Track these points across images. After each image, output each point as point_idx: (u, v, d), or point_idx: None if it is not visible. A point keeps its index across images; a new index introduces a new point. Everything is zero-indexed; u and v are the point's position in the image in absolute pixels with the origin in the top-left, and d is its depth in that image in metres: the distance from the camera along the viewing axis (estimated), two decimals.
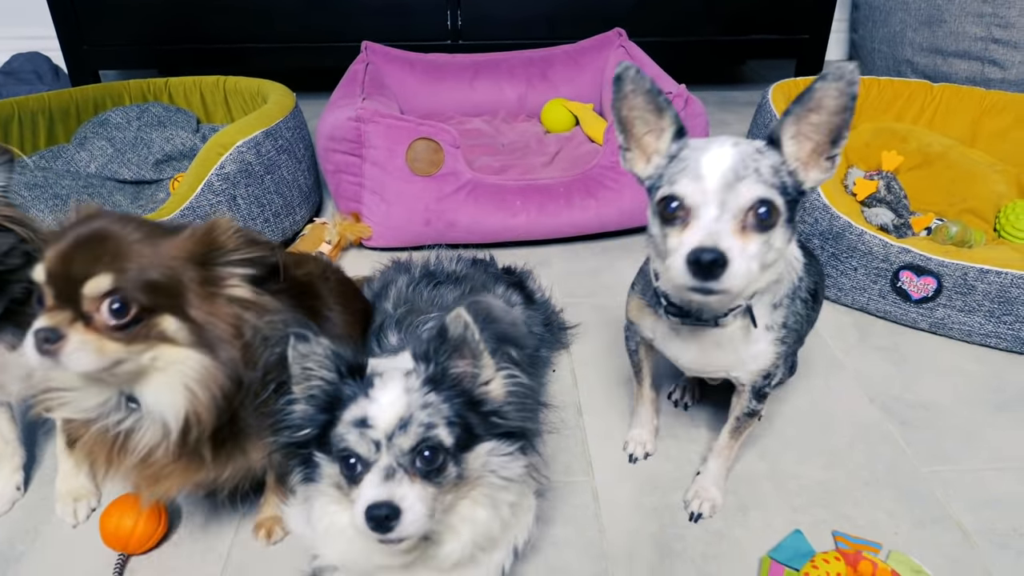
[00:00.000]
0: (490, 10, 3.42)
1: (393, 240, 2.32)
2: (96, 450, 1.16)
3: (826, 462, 1.58)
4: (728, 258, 0.99)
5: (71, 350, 0.99)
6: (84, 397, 1.11)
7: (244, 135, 2.21)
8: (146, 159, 2.68)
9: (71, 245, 1.02)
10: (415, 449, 1.00)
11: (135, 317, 1.02)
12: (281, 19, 3.39)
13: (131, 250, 1.03)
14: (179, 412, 1.09)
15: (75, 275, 1.00)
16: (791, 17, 3.57)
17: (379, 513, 0.96)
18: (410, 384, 1.03)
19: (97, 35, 3.41)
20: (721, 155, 1.04)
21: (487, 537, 1.12)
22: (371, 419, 1.00)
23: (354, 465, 1.01)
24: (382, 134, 2.22)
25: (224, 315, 1.09)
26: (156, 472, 1.16)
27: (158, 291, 1.04)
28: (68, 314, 1.00)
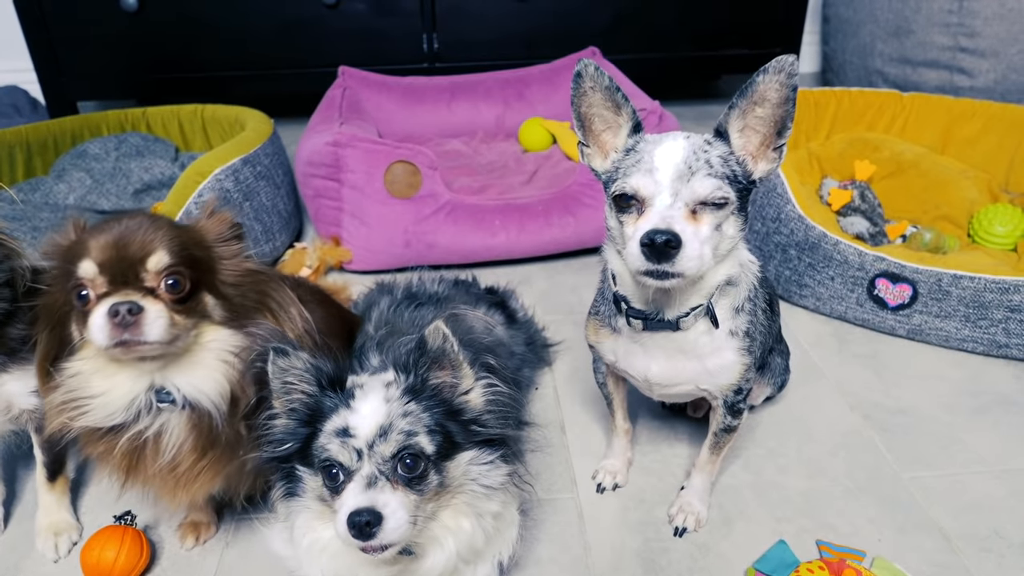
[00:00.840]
0: (466, 33, 3.45)
1: (374, 263, 2.33)
2: (120, 461, 1.18)
3: (809, 471, 1.59)
4: (681, 240, 1.02)
5: (151, 320, 1.04)
6: (111, 401, 1.14)
7: (222, 163, 2.21)
8: (125, 189, 2.68)
9: (119, 234, 1.08)
10: (396, 456, 1.01)
11: (187, 293, 1.10)
12: (257, 46, 3.41)
13: (173, 232, 1.12)
14: (223, 388, 1.14)
15: (133, 256, 1.07)
16: (762, 32, 3.63)
17: (360, 520, 0.96)
18: (390, 394, 1.04)
19: (74, 66, 3.40)
20: (673, 148, 1.09)
21: (471, 548, 1.12)
22: (352, 428, 1.01)
23: (336, 475, 1.02)
24: (360, 158, 2.23)
25: (248, 287, 1.18)
26: (184, 475, 1.19)
27: (198, 267, 1.12)
28: (135, 291, 1.06)
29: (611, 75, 2.88)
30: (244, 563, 1.41)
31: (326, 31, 3.40)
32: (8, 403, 1.35)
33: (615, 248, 1.21)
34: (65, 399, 1.14)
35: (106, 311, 1.03)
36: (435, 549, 1.10)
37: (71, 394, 1.14)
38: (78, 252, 1.09)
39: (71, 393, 1.14)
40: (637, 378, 1.33)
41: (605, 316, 1.34)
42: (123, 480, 1.22)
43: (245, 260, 1.21)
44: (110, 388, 1.14)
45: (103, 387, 1.14)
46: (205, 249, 1.16)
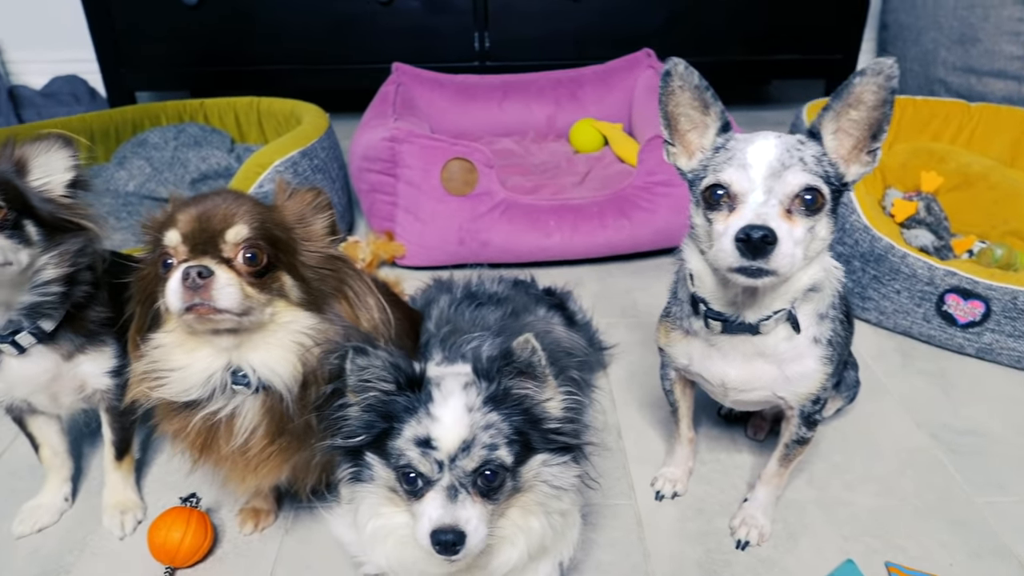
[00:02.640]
0: (517, 32, 3.44)
1: (426, 259, 2.32)
2: (194, 439, 1.20)
3: (876, 489, 1.54)
4: (777, 236, 1.00)
5: (221, 285, 1.06)
6: (189, 376, 1.15)
7: (281, 155, 2.23)
8: (183, 178, 2.71)
9: (204, 207, 1.12)
10: (477, 471, 1.00)
11: (265, 267, 1.12)
12: (311, 41, 3.43)
13: (255, 209, 1.15)
14: (296, 370, 1.15)
15: (214, 227, 1.10)
16: (821, 37, 3.56)
17: (446, 539, 0.97)
18: (471, 402, 1.03)
19: (134, 58, 3.46)
20: (766, 146, 1.07)
21: (540, 546, 1.12)
22: (435, 440, 1.00)
23: (415, 480, 1.02)
24: (417, 154, 2.22)
25: (328, 272, 1.19)
26: (254, 459, 1.20)
27: (278, 246, 1.14)
28: (210, 258, 1.08)
29: None
30: (303, 550, 1.41)
31: (378, 28, 3.41)
32: (82, 382, 1.38)
33: (697, 247, 1.18)
34: (146, 369, 1.17)
35: (180, 274, 1.06)
36: (505, 547, 1.10)
37: (152, 365, 1.17)
38: (167, 223, 1.13)
39: (152, 364, 1.17)
40: (712, 382, 1.30)
41: (677, 318, 1.31)
42: (196, 458, 1.23)
43: (328, 246, 1.22)
44: (189, 363, 1.16)
45: (183, 361, 1.16)
46: (286, 230, 1.17)
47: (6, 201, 1.21)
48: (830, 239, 1.12)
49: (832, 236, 1.12)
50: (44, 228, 1.27)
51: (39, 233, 1.26)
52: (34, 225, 1.25)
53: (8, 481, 1.58)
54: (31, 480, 1.55)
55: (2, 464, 1.63)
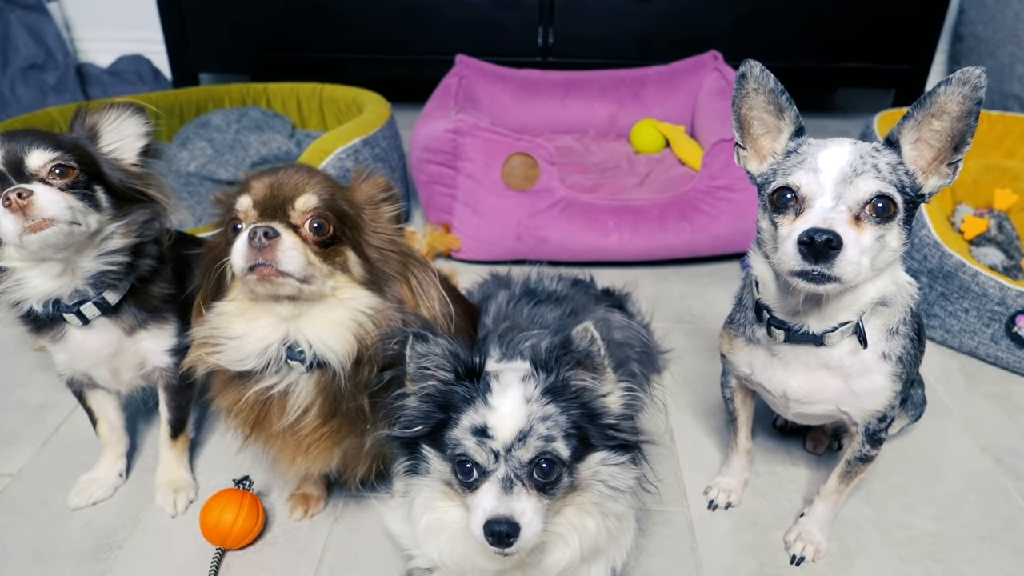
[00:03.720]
0: (582, 29, 3.41)
1: (483, 253, 2.32)
2: (247, 414, 1.22)
3: (936, 512, 1.50)
4: (842, 241, 0.97)
5: (286, 248, 1.08)
6: (246, 345, 1.17)
7: (344, 142, 2.25)
8: (243, 161, 2.75)
9: (278, 176, 1.15)
10: (533, 461, 0.99)
11: (330, 237, 1.14)
12: (375, 31, 3.46)
13: (327, 183, 1.17)
14: (351, 346, 1.16)
15: (285, 195, 1.13)
16: (892, 47, 3.46)
17: (500, 530, 0.96)
18: (529, 393, 1.02)
19: (200, 40, 3.53)
20: (839, 152, 1.05)
21: (594, 547, 1.10)
22: (491, 429, 1.00)
23: (470, 471, 1.01)
24: (479, 147, 2.23)
25: (392, 255, 1.21)
26: (305, 439, 1.21)
27: (345, 221, 1.16)
28: (278, 222, 1.11)
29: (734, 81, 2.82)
30: (352, 539, 1.42)
31: (443, 19, 3.42)
32: (143, 359, 1.40)
33: (762, 251, 1.17)
34: (206, 335, 1.20)
35: (247, 234, 1.08)
36: (559, 546, 1.09)
37: (212, 331, 1.19)
38: (240, 191, 1.16)
39: (212, 331, 1.19)
40: (774, 393, 1.27)
41: (741, 325, 1.29)
42: (247, 434, 1.25)
43: (394, 232, 1.24)
44: (247, 332, 1.18)
45: (241, 330, 1.18)
46: (355, 208, 1.19)
47: (78, 163, 1.23)
48: (902, 251, 1.09)
49: (904, 248, 1.09)
50: (114, 196, 1.29)
51: (108, 200, 1.28)
52: (104, 192, 1.28)
53: (65, 454, 1.62)
54: (87, 454, 1.58)
55: (59, 436, 1.68)
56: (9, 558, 1.38)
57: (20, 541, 1.41)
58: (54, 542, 1.41)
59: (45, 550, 1.39)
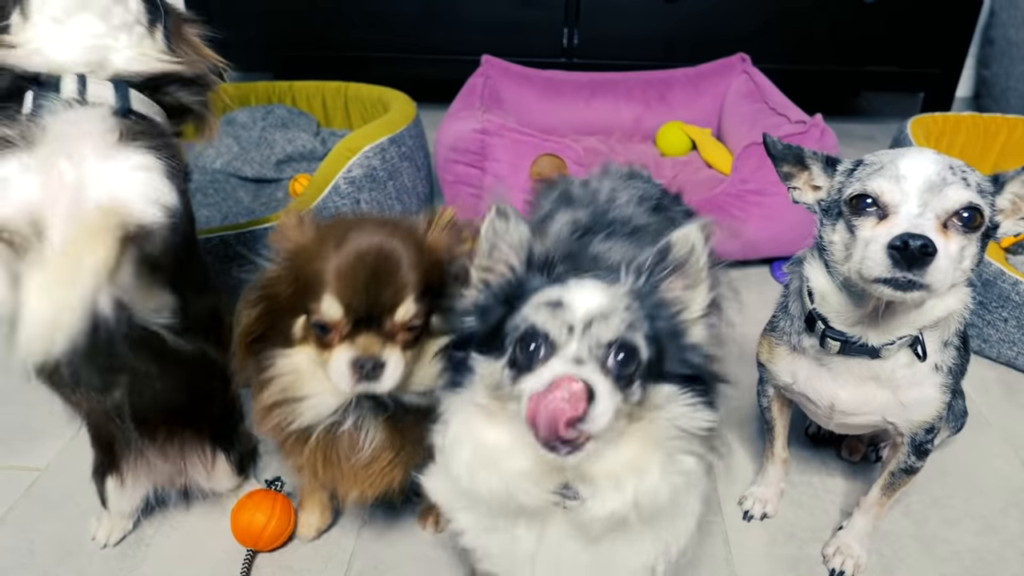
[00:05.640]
0: (607, 30, 3.39)
1: None
2: (319, 455, 1.14)
3: (978, 528, 1.46)
4: (936, 248, 0.95)
5: (391, 371, 1.03)
6: (322, 403, 1.11)
7: (371, 140, 2.23)
8: (268, 159, 2.75)
9: (368, 273, 1.03)
10: (612, 344, 0.84)
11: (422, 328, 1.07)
12: (400, 29, 3.45)
13: (417, 266, 1.06)
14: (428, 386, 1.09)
15: (382, 305, 1.03)
16: (920, 50, 3.41)
17: (576, 388, 0.78)
18: (612, 290, 0.89)
19: (226, 38, 3.51)
20: (922, 160, 1.03)
21: (651, 504, 0.90)
22: (568, 302, 0.86)
23: (535, 349, 0.85)
24: (507, 147, 2.21)
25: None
26: (374, 471, 1.16)
27: (433, 295, 1.07)
28: (377, 339, 1.04)
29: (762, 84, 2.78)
30: (380, 544, 1.41)
31: (468, 19, 3.40)
32: None
33: (822, 263, 1.14)
34: (278, 399, 1.11)
35: (349, 361, 1.02)
36: (611, 490, 0.89)
37: (284, 394, 1.11)
38: (321, 276, 1.03)
39: (284, 393, 1.11)
40: (818, 404, 1.24)
41: (784, 333, 1.26)
42: (316, 474, 1.17)
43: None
44: (323, 391, 1.10)
45: (316, 388, 1.10)
46: (440, 272, 1.09)
47: None
48: (970, 271, 1.06)
49: (974, 267, 1.06)
50: None
51: None
52: None
53: None
54: None
55: None
56: (37, 553, 1.37)
57: (48, 536, 1.40)
58: (82, 538, 1.39)
59: (73, 545, 1.38)
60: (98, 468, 1.35)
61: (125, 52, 1.13)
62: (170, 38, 1.21)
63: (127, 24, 1.14)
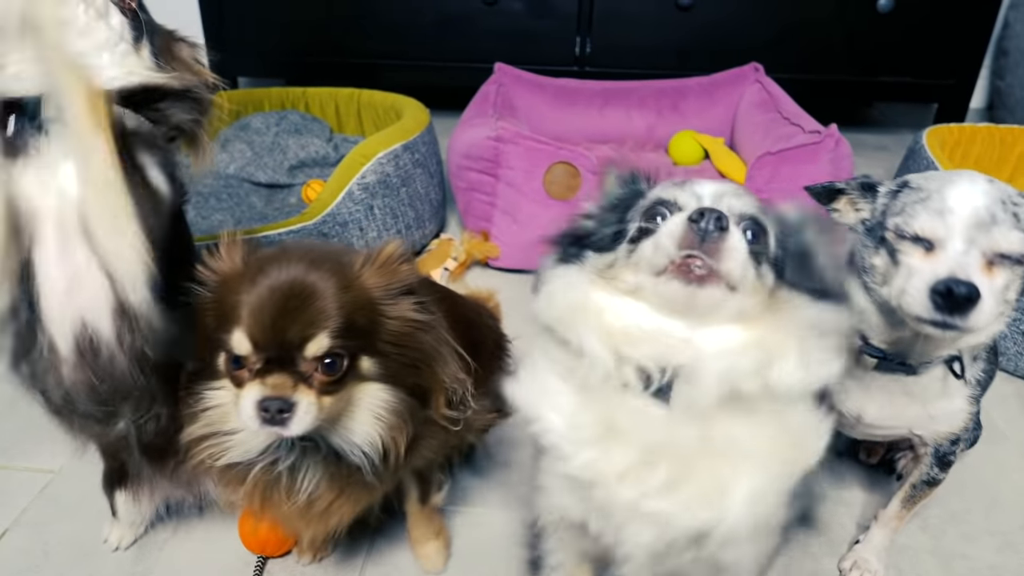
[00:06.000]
0: (620, 39, 3.39)
1: (522, 262, 2.29)
2: (256, 494, 1.09)
3: (998, 544, 1.44)
4: (980, 293, 0.93)
5: (301, 415, 0.96)
6: (250, 439, 1.06)
7: (384, 147, 2.24)
8: (281, 164, 2.76)
9: (276, 307, 0.97)
10: (744, 218, 0.84)
11: (343, 372, 1.00)
12: (414, 38, 3.46)
13: (336, 301, 0.99)
14: (375, 442, 1.06)
15: (291, 341, 0.96)
16: (934, 60, 3.40)
17: (707, 227, 0.77)
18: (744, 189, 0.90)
19: (240, 44, 3.55)
20: (974, 191, 0.99)
21: (784, 382, 0.81)
22: (698, 189, 0.87)
23: (658, 215, 0.85)
24: (521, 155, 2.21)
25: (407, 342, 1.06)
26: (319, 512, 1.11)
27: (360, 336, 1.01)
28: (288, 379, 0.96)
29: (776, 93, 2.76)
30: (393, 549, 1.40)
31: (480, 28, 3.41)
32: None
33: (861, 281, 1.13)
34: (204, 433, 1.07)
35: (256, 401, 0.96)
36: (738, 358, 0.82)
37: (210, 428, 1.07)
38: (233, 310, 0.98)
39: (210, 427, 1.07)
40: (847, 415, 1.23)
41: None
42: (266, 512, 1.14)
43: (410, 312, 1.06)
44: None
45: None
46: (370, 311, 1.03)
47: None
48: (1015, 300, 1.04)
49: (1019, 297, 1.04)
50: None
51: None
52: None
53: None
54: None
55: None
56: (51, 555, 1.37)
57: (62, 538, 1.40)
58: (96, 540, 1.39)
59: (88, 548, 1.38)
60: (108, 479, 1.35)
61: (108, 71, 1.06)
62: (158, 56, 1.14)
63: (110, 42, 1.07)
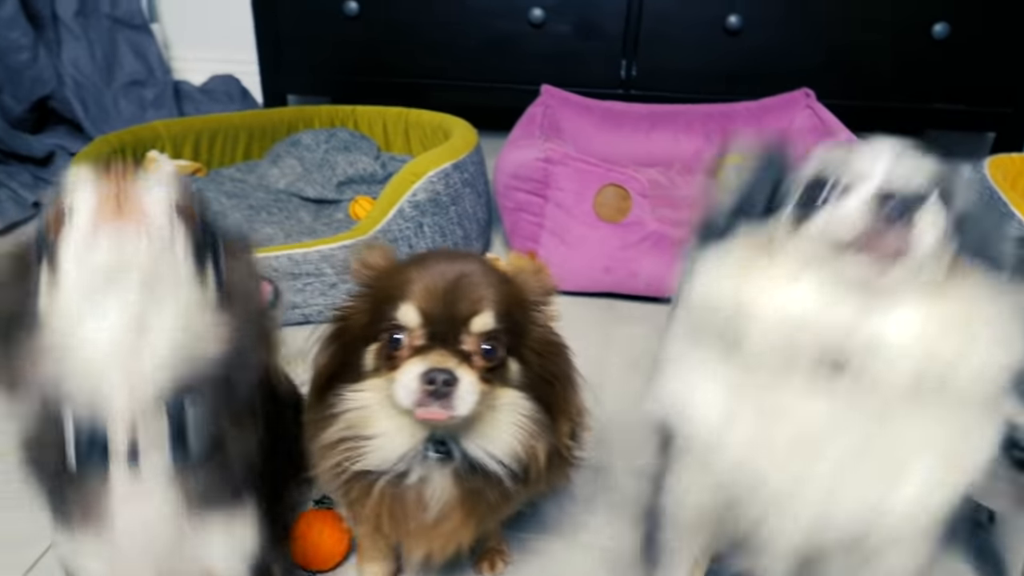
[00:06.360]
0: (666, 62, 3.38)
1: (569, 284, 2.28)
2: (383, 507, 1.07)
3: None
4: None
5: (465, 392, 0.94)
6: (389, 444, 1.04)
7: (435, 165, 2.25)
8: (330, 180, 2.79)
9: (449, 283, 0.98)
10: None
11: (499, 361, 1.00)
12: (462, 59, 3.49)
13: (498, 289, 1.01)
14: (516, 451, 1.05)
15: (460, 314, 0.97)
16: (992, 87, 3.34)
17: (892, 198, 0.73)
18: None
19: (292, 63, 3.62)
20: None
21: (970, 372, 0.76)
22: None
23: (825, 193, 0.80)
24: (571, 176, 2.20)
25: (547, 353, 1.07)
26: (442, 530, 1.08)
27: (512, 331, 1.02)
28: (451, 356, 0.96)
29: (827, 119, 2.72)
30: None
31: (526, 49, 3.43)
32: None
33: None
34: (341, 437, 1.05)
35: (419, 374, 0.94)
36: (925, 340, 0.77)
37: (348, 431, 1.05)
38: (399, 288, 1.00)
39: (351, 430, 1.04)
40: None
41: None
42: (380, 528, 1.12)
43: (550, 333, 1.11)
44: (390, 430, 1.04)
45: (384, 426, 1.04)
46: (522, 310, 1.05)
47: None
48: None
49: None
50: None
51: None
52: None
53: None
54: None
55: None
56: None
57: None
58: None
59: None
60: None
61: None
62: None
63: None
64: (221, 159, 2.88)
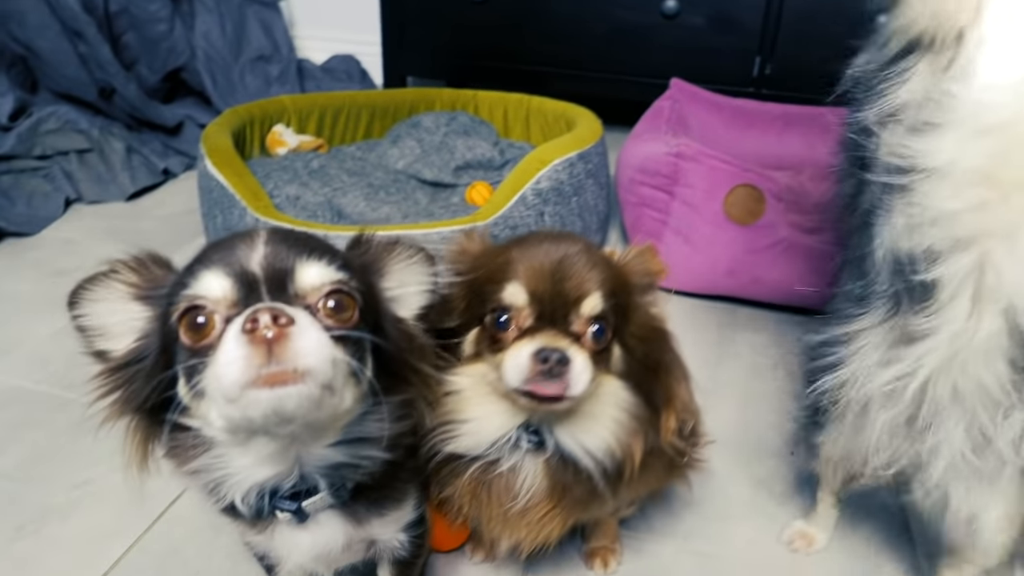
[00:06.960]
0: (803, 60, 3.19)
1: (689, 284, 2.18)
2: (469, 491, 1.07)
3: None
4: None
5: (578, 372, 0.92)
6: (482, 430, 1.03)
7: (561, 154, 2.19)
8: (448, 164, 2.78)
9: (554, 262, 0.96)
10: None
11: (607, 344, 0.97)
12: (587, 47, 3.42)
13: (605, 271, 0.99)
14: (611, 447, 1.01)
15: (569, 295, 0.95)
16: None
17: None
18: None
19: (415, 44, 3.65)
20: None
21: None
22: None
23: None
24: (703, 174, 2.10)
25: (651, 340, 1.04)
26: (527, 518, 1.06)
27: (618, 315, 0.99)
28: (561, 336, 0.94)
29: None
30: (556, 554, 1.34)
31: (655, 41, 3.32)
32: (371, 541, 1.05)
33: None
34: (439, 420, 1.03)
35: (532, 353, 0.91)
36: None
37: (445, 416, 1.03)
38: (503, 270, 0.98)
39: (445, 415, 1.03)
40: None
41: None
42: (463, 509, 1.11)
43: (656, 316, 1.07)
44: (485, 416, 1.03)
45: (478, 412, 1.03)
46: (627, 294, 1.02)
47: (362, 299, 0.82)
48: None
49: None
50: (380, 364, 0.86)
51: (373, 368, 0.85)
52: (373, 356, 0.85)
53: None
54: None
55: None
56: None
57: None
58: None
59: None
60: None
61: None
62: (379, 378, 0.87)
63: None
64: (343, 136, 2.92)
